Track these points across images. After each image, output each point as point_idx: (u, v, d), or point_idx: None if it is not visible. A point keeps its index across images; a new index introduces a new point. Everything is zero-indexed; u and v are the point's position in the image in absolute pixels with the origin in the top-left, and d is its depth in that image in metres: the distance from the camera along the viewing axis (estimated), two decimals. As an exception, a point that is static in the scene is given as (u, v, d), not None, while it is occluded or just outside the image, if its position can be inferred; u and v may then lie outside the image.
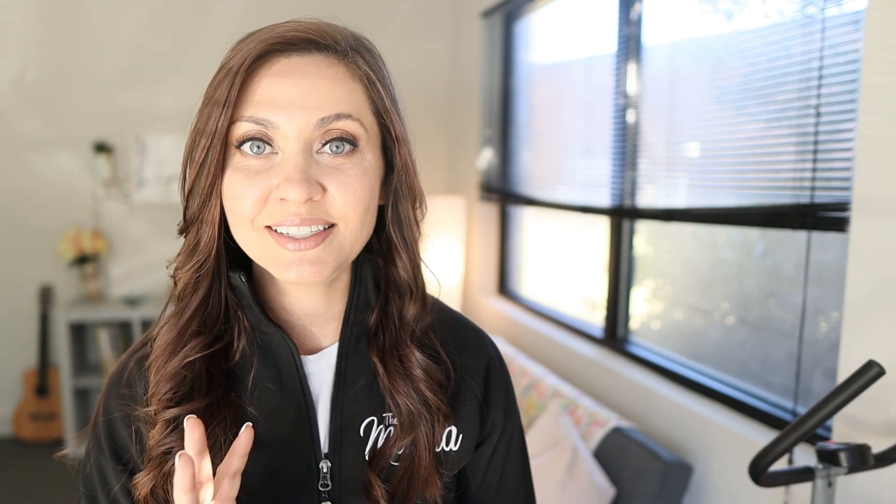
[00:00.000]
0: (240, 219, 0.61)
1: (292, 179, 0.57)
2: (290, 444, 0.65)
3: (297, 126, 0.58)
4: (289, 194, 0.57)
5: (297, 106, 0.58)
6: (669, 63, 2.14)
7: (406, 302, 0.69)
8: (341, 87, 0.60)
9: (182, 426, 0.58)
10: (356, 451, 0.67)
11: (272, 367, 0.66)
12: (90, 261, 3.34)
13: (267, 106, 0.59)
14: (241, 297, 0.66)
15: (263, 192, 0.59)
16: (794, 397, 1.65)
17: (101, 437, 0.67)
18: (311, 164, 0.59)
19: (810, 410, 1.14)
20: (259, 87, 0.59)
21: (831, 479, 1.17)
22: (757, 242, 1.84)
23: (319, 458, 0.66)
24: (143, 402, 0.64)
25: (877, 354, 1.21)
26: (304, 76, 0.59)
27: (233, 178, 0.60)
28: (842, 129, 1.48)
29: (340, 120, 0.60)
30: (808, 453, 1.50)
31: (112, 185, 3.40)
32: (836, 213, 1.47)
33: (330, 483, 0.65)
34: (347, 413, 0.67)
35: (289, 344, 0.66)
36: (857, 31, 1.42)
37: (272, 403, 0.65)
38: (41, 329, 3.31)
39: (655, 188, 2.18)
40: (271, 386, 0.66)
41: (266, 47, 0.59)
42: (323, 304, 0.68)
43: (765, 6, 1.76)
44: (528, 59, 3.09)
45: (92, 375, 3.28)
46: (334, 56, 0.61)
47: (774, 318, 1.75)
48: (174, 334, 0.63)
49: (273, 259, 0.61)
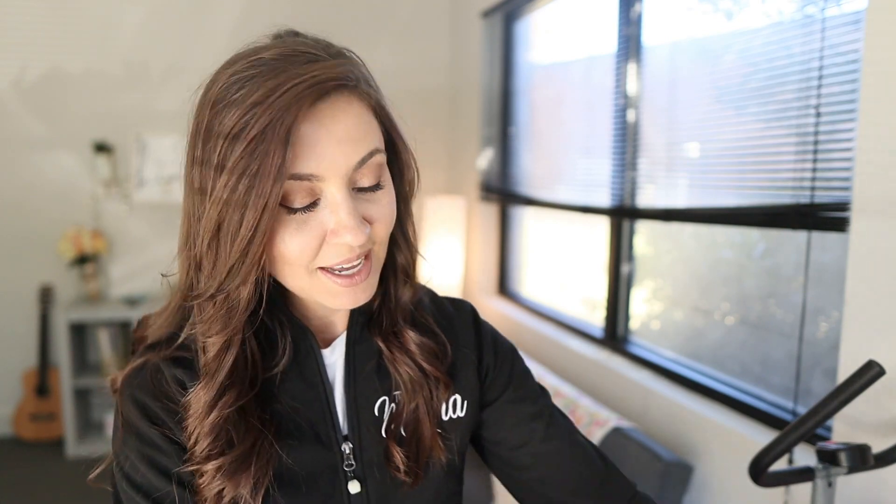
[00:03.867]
0: (292, 265, 0.62)
1: (349, 226, 0.59)
2: (315, 433, 0.69)
3: (342, 173, 0.59)
4: (349, 239, 0.59)
5: (338, 153, 0.59)
6: (669, 63, 2.14)
7: (402, 286, 0.73)
8: (365, 123, 0.61)
9: (228, 469, 0.62)
10: (375, 429, 0.71)
11: (294, 364, 0.69)
12: (90, 261, 3.34)
13: (309, 160, 0.57)
14: (278, 309, 0.68)
15: (317, 239, 0.60)
16: (794, 397, 1.65)
17: (139, 431, 0.65)
18: (357, 204, 0.61)
19: (810, 410, 1.14)
20: (297, 144, 0.57)
21: (831, 479, 1.17)
22: (757, 242, 1.84)
23: (341, 441, 0.69)
24: (169, 424, 0.65)
25: (877, 354, 1.21)
26: (334, 122, 0.59)
27: (281, 230, 0.60)
28: (842, 129, 1.48)
29: (373, 156, 0.61)
30: (808, 453, 1.50)
31: (112, 185, 3.40)
32: (836, 213, 1.47)
33: (354, 463, 0.69)
34: (361, 396, 0.71)
35: (309, 338, 0.69)
36: (857, 31, 1.42)
37: (297, 397, 0.69)
38: (41, 329, 3.31)
39: (655, 188, 2.18)
40: (296, 382, 0.69)
41: (312, 101, 0.57)
42: None
43: (765, 6, 1.76)
44: (528, 59, 3.09)
45: (92, 375, 3.28)
46: (348, 92, 0.60)
47: (774, 318, 1.75)
48: (212, 395, 0.63)
49: (325, 292, 0.64)
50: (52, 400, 3.31)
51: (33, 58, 3.30)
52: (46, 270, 3.39)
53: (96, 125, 3.37)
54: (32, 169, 3.35)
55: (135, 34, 3.37)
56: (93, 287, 3.37)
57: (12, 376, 3.41)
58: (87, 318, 3.25)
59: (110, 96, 3.37)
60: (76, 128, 3.37)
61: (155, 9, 3.36)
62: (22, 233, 3.36)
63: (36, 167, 3.35)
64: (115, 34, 3.36)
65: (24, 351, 3.41)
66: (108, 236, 3.43)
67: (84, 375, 3.26)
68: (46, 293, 3.33)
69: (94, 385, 3.26)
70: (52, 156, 3.37)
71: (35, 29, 3.29)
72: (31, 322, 3.39)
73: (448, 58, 3.72)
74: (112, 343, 3.35)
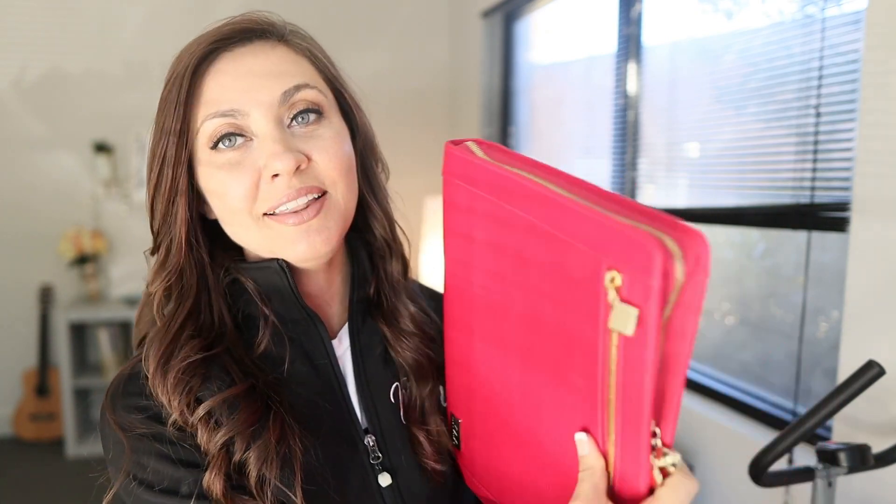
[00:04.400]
0: (235, 213, 0.61)
1: (277, 153, 0.59)
2: (336, 427, 0.65)
3: (264, 105, 0.60)
4: (277, 167, 0.58)
5: (258, 86, 0.60)
6: (669, 63, 2.14)
7: (388, 260, 0.71)
8: (291, 63, 0.63)
9: (224, 414, 0.58)
10: (394, 416, 0.68)
11: (302, 354, 0.66)
12: (90, 261, 3.34)
13: (228, 96, 0.60)
14: (270, 285, 0.65)
15: (252, 178, 0.60)
16: (794, 397, 1.65)
17: (150, 432, 0.60)
18: (288, 136, 0.60)
19: (810, 410, 1.14)
20: (213, 83, 0.61)
21: (831, 479, 1.17)
22: (757, 242, 1.84)
23: (363, 434, 0.66)
24: (160, 409, 0.60)
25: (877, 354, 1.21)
26: (253, 61, 0.61)
27: (216, 177, 0.61)
28: (842, 129, 1.48)
29: (301, 90, 0.61)
30: (808, 453, 1.50)
31: (112, 185, 3.39)
32: (836, 213, 1.47)
33: (381, 455, 0.66)
34: (374, 385, 0.68)
35: (318, 328, 0.66)
36: (857, 31, 1.42)
37: (310, 389, 0.65)
38: (41, 329, 3.31)
39: (655, 188, 2.18)
40: (306, 373, 0.65)
41: (207, 47, 0.61)
42: (325, 283, 0.69)
43: (765, 6, 1.76)
44: (528, 59, 3.09)
45: (92, 375, 3.28)
46: (274, 39, 0.63)
47: (774, 318, 1.75)
48: (164, 347, 0.60)
49: (279, 240, 0.61)
50: (52, 400, 3.31)
51: (33, 58, 3.30)
52: (46, 270, 3.39)
53: (96, 125, 3.37)
54: (32, 169, 3.35)
55: (135, 34, 3.37)
56: (93, 287, 3.37)
57: (12, 376, 3.41)
58: (87, 318, 3.25)
59: (110, 96, 3.37)
60: (76, 128, 3.37)
61: (155, 9, 3.36)
62: (22, 233, 3.36)
63: (36, 167, 3.35)
64: (115, 34, 3.36)
65: (24, 351, 3.41)
66: (108, 236, 3.43)
67: (84, 375, 3.26)
68: (46, 293, 3.33)
69: (94, 385, 3.26)
70: (52, 156, 3.37)
71: (35, 29, 3.29)
72: (31, 322, 3.39)
73: (448, 58, 3.71)
74: (112, 343, 3.34)
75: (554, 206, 0.47)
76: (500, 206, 0.52)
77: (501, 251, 0.53)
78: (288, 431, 0.60)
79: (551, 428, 0.52)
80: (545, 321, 0.50)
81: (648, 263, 0.40)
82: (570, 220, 0.46)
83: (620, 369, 0.44)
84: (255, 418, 0.59)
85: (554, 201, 0.47)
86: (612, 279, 0.43)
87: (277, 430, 0.59)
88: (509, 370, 0.55)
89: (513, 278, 0.53)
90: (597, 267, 0.44)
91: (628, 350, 0.43)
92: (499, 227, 0.53)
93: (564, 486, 0.51)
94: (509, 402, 0.56)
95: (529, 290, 0.51)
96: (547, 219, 0.48)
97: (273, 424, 0.59)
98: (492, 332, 0.57)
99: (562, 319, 0.48)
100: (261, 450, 0.58)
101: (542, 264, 0.49)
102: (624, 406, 0.45)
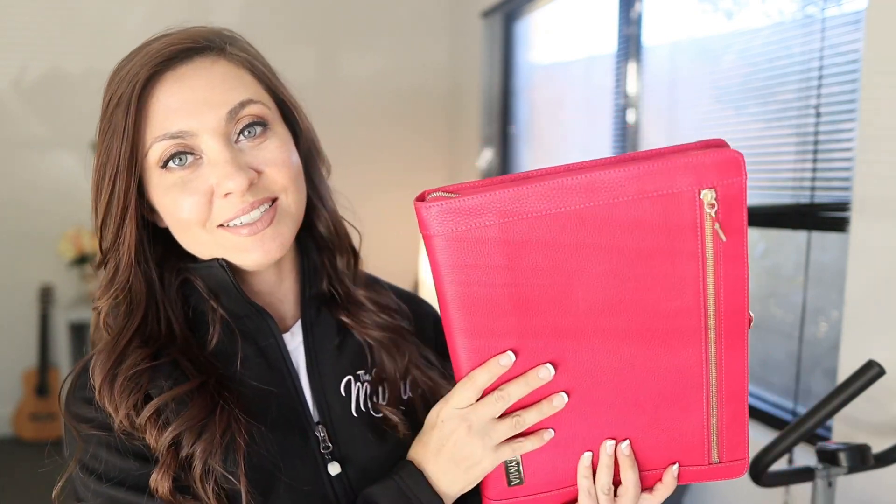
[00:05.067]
0: (189, 225, 0.63)
1: (229, 173, 0.61)
2: (286, 418, 0.67)
3: (212, 125, 0.62)
4: (230, 186, 0.61)
5: (204, 107, 0.62)
6: (669, 63, 2.14)
7: (336, 255, 0.74)
8: (233, 78, 0.64)
9: (173, 412, 0.60)
10: (344, 410, 0.70)
11: (254, 348, 0.68)
12: (90, 261, 3.34)
13: (175, 118, 0.61)
14: (216, 283, 0.67)
15: (205, 196, 0.62)
16: (794, 397, 1.65)
17: (100, 422, 0.63)
18: (237, 154, 0.62)
19: (810, 410, 1.14)
20: (159, 107, 0.62)
21: (831, 479, 1.17)
22: (757, 242, 1.84)
23: (314, 425, 0.68)
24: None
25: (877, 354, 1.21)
26: (196, 80, 0.63)
27: (168, 196, 0.63)
28: (842, 129, 1.48)
29: (246, 106, 0.63)
30: (808, 453, 1.50)
31: (112, 185, 3.40)
32: (836, 213, 1.47)
33: (331, 445, 0.68)
34: (327, 378, 0.71)
35: (268, 322, 0.68)
36: (857, 31, 1.42)
37: (262, 383, 0.67)
38: (41, 329, 3.31)
39: (655, 188, 2.18)
40: (257, 367, 0.68)
41: (151, 70, 0.62)
42: (276, 279, 0.71)
43: (765, 6, 1.76)
44: (528, 59, 3.09)
45: (92, 375, 3.28)
46: (213, 54, 0.65)
47: (774, 318, 1.75)
48: (111, 362, 0.62)
49: (233, 249, 0.64)
50: (51, 400, 3.30)
51: (33, 58, 3.30)
52: (46, 270, 3.39)
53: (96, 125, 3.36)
54: (32, 169, 3.35)
55: (135, 34, 3.35)
56: (93, 287, 3.37)
57: (12, 376, 3.41)
58: (87, 319, 3.24)
59: (110, 96, 3.37)
60: (76, 128, 3.36)
61: (155, 9, 3.36)
62: (22, 233, 3.36)
63: (36, 167, 3.35)
64: (115, 34, 3.35)
65: (24, 351, 3.41)
66: (108, 236, 3.43)
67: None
68: (46, 293, 3.33)
69: (94, 385, 3.26)
70: (52, 156, 3.37)
71: (35, 29, 3.29)
72: (31, 322, 3.39)
73: (448, 58, 3.71)
74: (112, 343, 3.35)
75: (604, 178, 0.54)
76: (524, 221, 0.55)
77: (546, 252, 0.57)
78: (234, 424, 0.62)
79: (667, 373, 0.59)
80: (632, 286, 0.57)
81: (738, 164, 0.55)
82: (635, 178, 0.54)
83: (720, 276, 0.55)
84: (204, 414, 0.61)
85: (593, 180, 0.54)
86: (705, 196, 0.54)
87: (224, 423, 0.61)
88: (611, 352, 0.59)
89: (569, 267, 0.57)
90: (690, 193, 0.54)
91: (727, 258, 0.55)
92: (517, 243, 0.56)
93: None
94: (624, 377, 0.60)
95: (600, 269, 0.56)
96: (602, 194, 0.54)
97: (220, 418, 0.61)
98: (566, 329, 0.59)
99: (650, 271, 0.56)
100: (207, 442, 0.60)
101: (610, 237, 0.55)
102: (728, 313, 0.57)
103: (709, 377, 0.60)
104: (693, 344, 0.58)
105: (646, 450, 0.63)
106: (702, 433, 0.62)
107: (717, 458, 0.63)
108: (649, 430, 0.62)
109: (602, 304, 0.57)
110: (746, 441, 0.63)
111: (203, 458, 0.60)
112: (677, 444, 0.62)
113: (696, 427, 0.62)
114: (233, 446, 0.61)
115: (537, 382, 0.57)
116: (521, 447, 0.60)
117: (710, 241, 0.55)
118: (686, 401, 0.61)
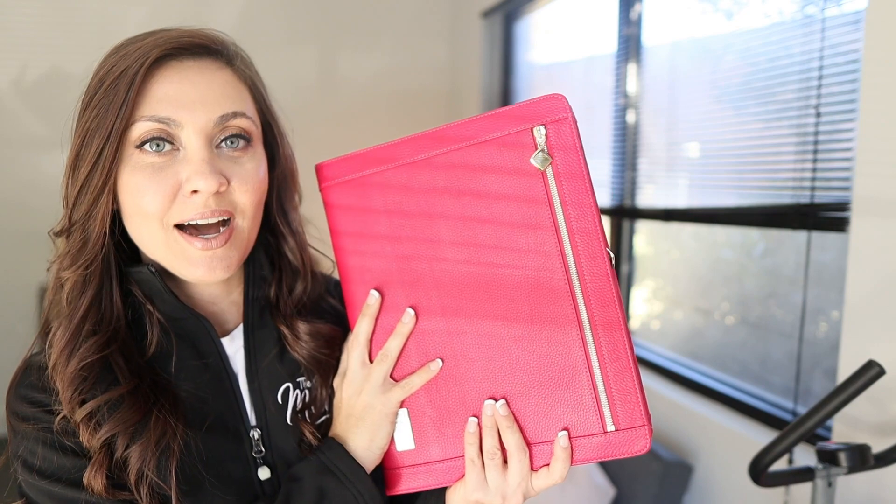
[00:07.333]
0: (147, 216, 0.63)
1: (202, 172, 0.61)
2: (222, 422, 0.68)
3: (200, 123, 0.62)
4: (200, 185, 0.61)
5: (198, 104, 0.63)
6: (669, 63, 2.14)
7: (296, 280, 0.75)
8: (233, 88, 0.66)
9: (105, 414, 0.61)
10: (279, 416, 0.71)
11: (192, 351, 0.68)
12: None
13: (168, 105, 0.62)
14: (150, 288, 0.67)
15: (171, 187, 0.62)
16: (794, 397, 1.65)
17: (39, 420, 0.64)
18: (215, 158, 0.63)
19: (810, 410, 1.14)
20: (157, 88, 0.63)
21: (831, 479, 1.17)
22: (757, 242, 1.84)
23: (249, 429, 0.69)
24: (52, 404, 0.63)
25: (877, 354, 1.21)
26: (199, 77, 0.64)
27: (136, 177, 0.63)
28: (842, 129, 1.48)
29: (237, 118, 0.64)
30: (808, 453, 1.50)
31: (112, 185, 3.40)
32: (836, 213, 1.47)
33: (263, 449, 0.69)
34: (264, 383, 0.71)
35: (205, 326, 0.69)
36: (857, 31, 1.42)
37: (199, 385, 0.68)
38: (41, 329, 3.31)
39: (655, 188, 2.18)
40: (195, 369, 0.68)
41: (162, 52, 0.63)
42: (223, 291, 0.72)
43: (765, 6, 1.76)
44: (528, 59, 3.09)
45: (92, 375, 3.28)
46: (222, 60, 0.67)
47: (774, 318, 1.75)
48: (67, 337, 0.64)
49: (181, 257, 0.64)
50: (52, 400, 3.31)
51: (33, 57, 3.30)
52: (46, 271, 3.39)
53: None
54: (32, 168, 3.35)
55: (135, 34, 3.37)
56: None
57: (12, 376, 3.41)
58: (87, 318, 3.25)
59: (110, 96, 3.37)
60: (76, 128, 3.37)
61: (155, 9, 3.36)
62: (22, 232, 3.36)
63: (36, 167, 3.35)
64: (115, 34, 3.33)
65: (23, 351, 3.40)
66: (108, 236, 3.43)
67: (84, 375, 3.26)
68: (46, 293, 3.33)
69: (94, 385, 3.26)
70: (53, 155, 3.37)
71: (35, 29, 3.29)
72: (31, 322, 3.39)
73: (448, 58, 3.71)
74: (112, 343, 3.35)
75: (447, 131, 0.64)
76: (395, 169, 0.66)
77: (415, 196, 0.65)
78: (169, 429, 0.63)
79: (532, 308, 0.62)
80: (489, 229, 0.62)
81: (560, 101, 0.61)
82: (469, 128, 0.63)
83: (566, 202, 0.60)
84: (137, 418, 0.62)
85: (444, 131, 0.64)
86: (537, 132, 0.61)
87: (159, 429, 0.62)
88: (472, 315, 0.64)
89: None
90: (525, 132, 0.61)
91: (567, 181, 0.60)
92: (404, 187, 0.66)
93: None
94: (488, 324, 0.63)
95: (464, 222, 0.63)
96: (451, 142, 0.63)
97: (154, 423, 0.62)
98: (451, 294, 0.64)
99: (503, 216, 0.61)
100: (141, 447, 0.61)
101: (469, 181, 0.63)
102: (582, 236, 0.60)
103: (583, 330, 0.59)
104: (556, 280, 0.60)
105: (531, 415, 0.61)
106: (590, 396, 0.59)
107: (614, 425, 0.59)
108: (532, 390, 0.61)
109: (466, 250, 0.63)
110: (641, 403, 0.59)
111: (138, 464, 0.61)
112: (565, 410, 0.60)
113: (582, 388, 0.59)
114: (167, 453, 0.62)
115: (405, 328, 0.65)
116: (409, 382, 0.65)
117: (553, 180, 0.61)
118: (564, 356, 0.60)
